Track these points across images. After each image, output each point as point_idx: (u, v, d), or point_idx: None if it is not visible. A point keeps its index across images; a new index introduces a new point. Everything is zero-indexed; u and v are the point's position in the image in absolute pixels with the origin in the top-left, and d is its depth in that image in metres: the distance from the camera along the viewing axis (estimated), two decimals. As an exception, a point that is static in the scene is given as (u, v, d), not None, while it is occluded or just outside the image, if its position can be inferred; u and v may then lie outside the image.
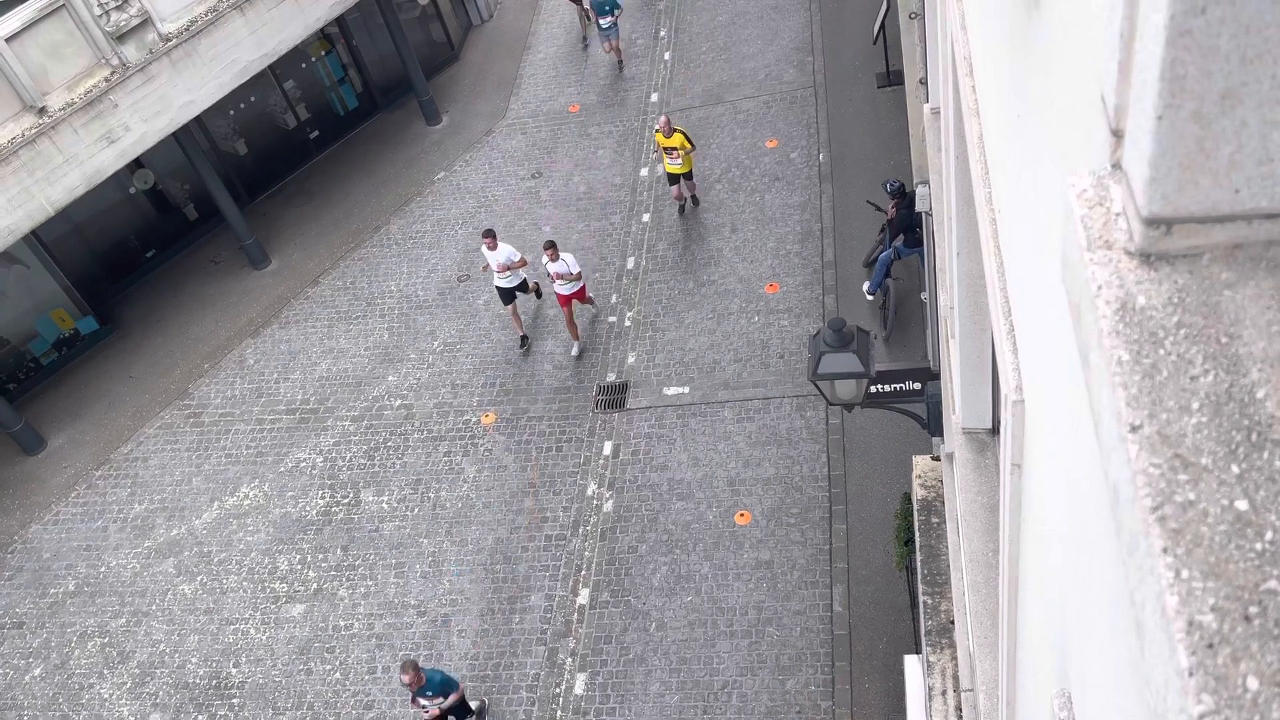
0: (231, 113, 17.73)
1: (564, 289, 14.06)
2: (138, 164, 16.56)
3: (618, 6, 18.41)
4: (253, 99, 17.91)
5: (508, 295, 14.53)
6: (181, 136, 15.60)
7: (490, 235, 14.06)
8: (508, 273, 14.17)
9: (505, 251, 14.02)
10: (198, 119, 15.82)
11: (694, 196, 16.26)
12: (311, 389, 15.36)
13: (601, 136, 18.12)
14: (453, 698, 10.56)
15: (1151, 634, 1.16)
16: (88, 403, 16.00)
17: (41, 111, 13.67)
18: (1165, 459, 1.19)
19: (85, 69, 14.05)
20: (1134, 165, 1.35)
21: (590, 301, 14.80)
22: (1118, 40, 1.33)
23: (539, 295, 15.37)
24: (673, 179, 15.85)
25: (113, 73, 14.12)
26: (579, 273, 13.95)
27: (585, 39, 19.96)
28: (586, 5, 19.19)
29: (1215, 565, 1.10)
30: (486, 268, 14.40)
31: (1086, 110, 1.68)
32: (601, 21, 18.40)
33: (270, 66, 16.59)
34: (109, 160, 14.38)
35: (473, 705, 11.23)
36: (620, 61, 19.33)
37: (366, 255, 17.13)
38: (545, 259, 13.87)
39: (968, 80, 4.06)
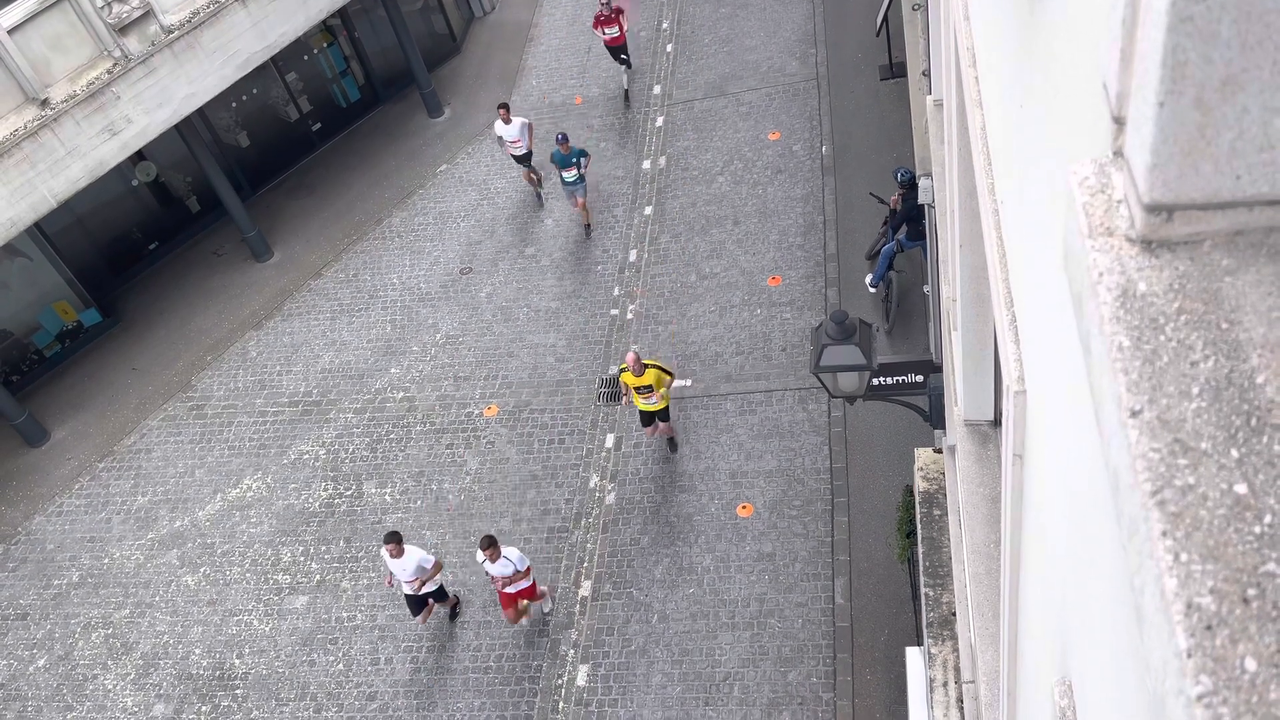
0: (234, 105, 17.73)
1: (510, 589, 11.34)
2: (140, 156, 16.56)
3: (584, 155, 15.40)
4: (255, 91, 17.90)
5: (418, 603, 11.68)
6: (184, 129, 15.60)
7: (394, 540, 11.03)
8: (416, 583, 11.34)
9: (416, 557, 11.17)
10: (200, 111, 15.81)
11: (672, 440, 13.16)
12: (314, 381, 15.38)
13: (604, 129, 18.10)
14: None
15: (1151, 617, 1.16)
16: (91, 395, 16.03)
17: (44, 104, 13.67)
18: (1165, 444, 1.20)
19: (87, 61, 14.04)
20: (1135, 152, 1.36)
21: (541, 597, 11.88)
22: (1120, 27, 1.34)
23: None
24: (647, 419, 12.77)
25: (115, 64, 14.11)
26: (527, 568, 11.23)
27: (540, 196, 16.82)
28: (532, 163, 16.37)
29: (1214, 548, 1.11)
30: (391, 580, 11.57)
31: (1089, 98, 1.68)
32: (564, 175, 15.33)
33: (272, 59, 16.58)
34: (111, 152, 14.38)
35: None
36: (588, 225, 16.11)
37: (369, 248, 17.14)
38: (482, 558, 11.04)
39: (970, 71, 4.06)
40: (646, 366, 12.10)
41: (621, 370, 12.34)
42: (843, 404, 12.76)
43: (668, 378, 12.34)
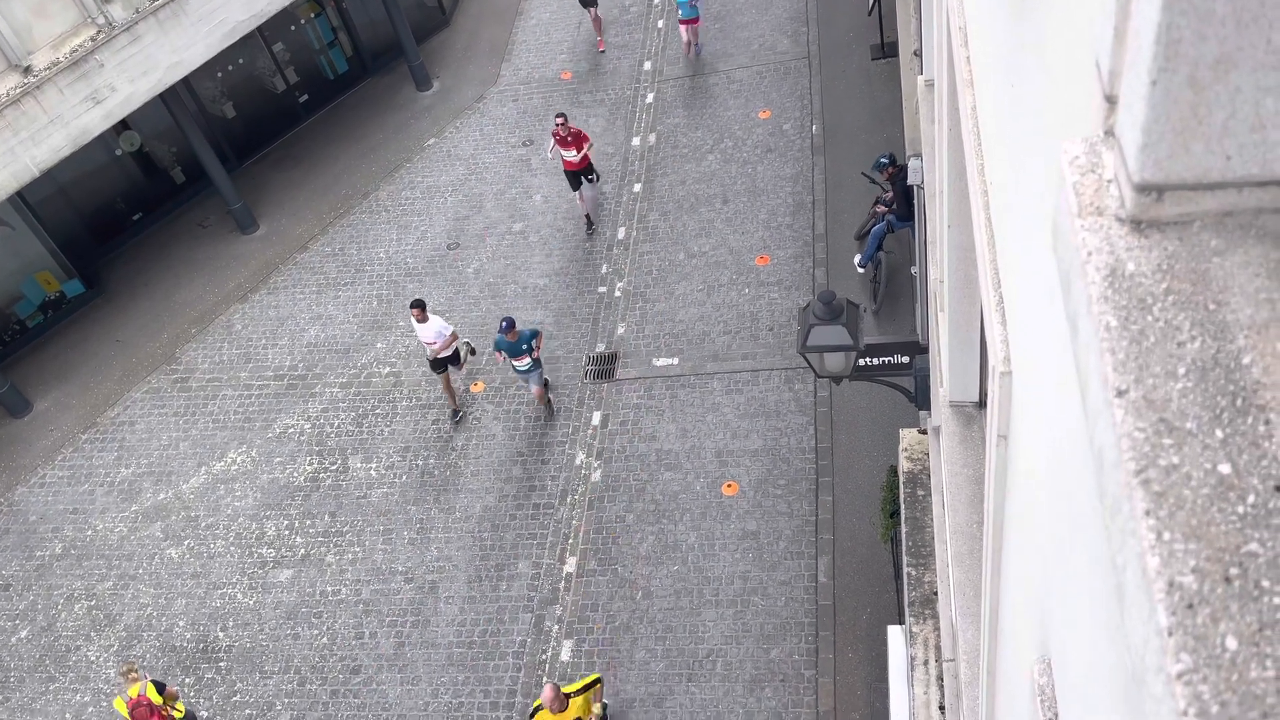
0: (219, 75, 17.53)
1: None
2: (124, 125, 16.38)
3: (536, 335, 12.90)
4: (241, 61, 17.71)
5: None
6: (168, 98, 15.43)
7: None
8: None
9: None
10: (185, 80, 15.63)
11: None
12: (300, 355, 15.32)
13: (594, 105, 17.99)
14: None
15: (1132, 595, 1.17)
16: (74, 366, 15.92)
17: (27, 71, 13.49)
18: (1150, 423, 1.20)
19: (71, 28, 13.85)
20: (1127, 131, 1.35)
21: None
22: (1114, 4, 1.33)
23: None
24: None
25: (99, 32, 13.92)
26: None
27: (457, 413, 13.89)
28: (464, 359, 13.76)
29: (1197, 528, 1.11)
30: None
31: (1080, 77, 1.67)
32: (516, 364, 12.95)
33: (259, 28, 16.38)
34: (95, 121, 14.22)
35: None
36: (550, 410, 13.71)
37: (356, 221, 17.03)
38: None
39: (962, 51, 4.04)
40: (569, 696, 9.82)
41: (536, 710, 9.89)
42: (829, 384, 12.80)
43: (597, 690, 10.23)
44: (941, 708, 7.33)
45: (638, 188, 16.49)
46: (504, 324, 12.76)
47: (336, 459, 13.97)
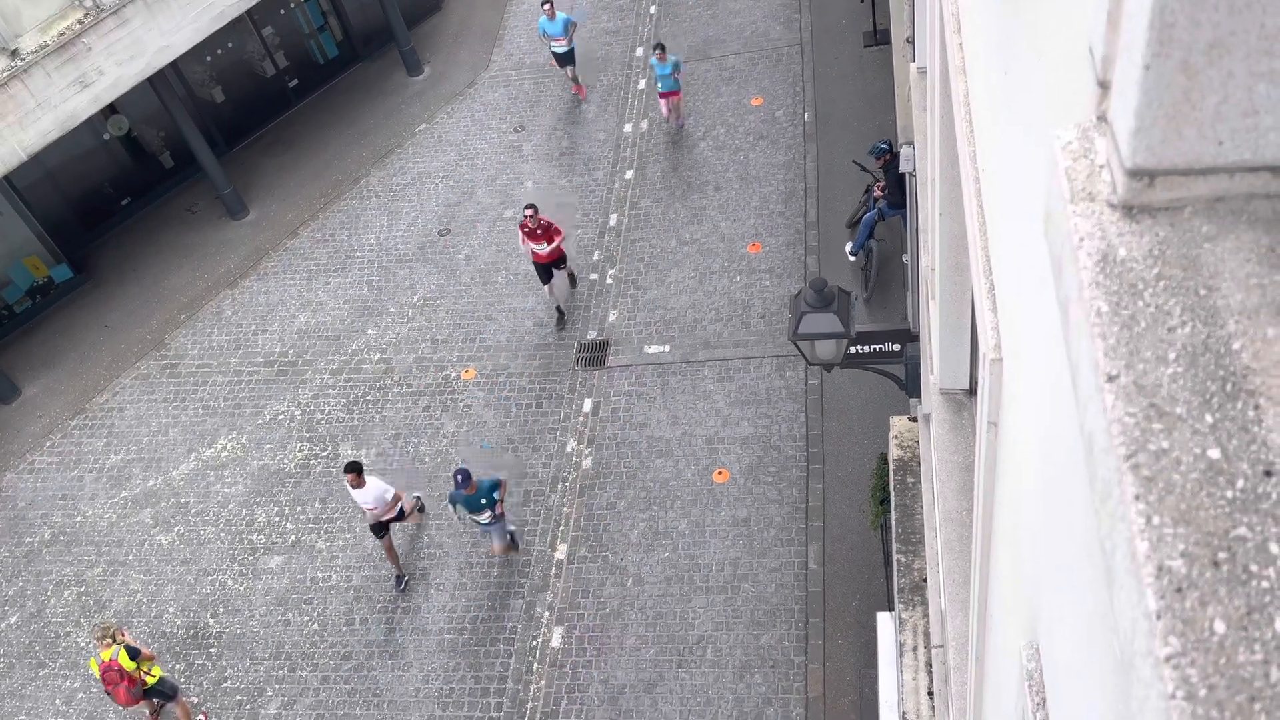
0: (208, 59, 17.41)
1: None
2: (112, 109, 16.26)
3: (498, 486, 11.46)
4: (230, 45, 17.58)
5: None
6: (157, 82, 15.31)
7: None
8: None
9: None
10: (173, 64, 15.52)
11: None
12: (290, 341, 15.27)
13: (585, 91, 17.91)
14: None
15: (1121, 579, 1.17)
16: (62, 351, 15.85)
17: (14, 54, 13.37)
18: (1140, 408, 1.21)
19: (58, 10, 13.72)
20: (1119, 116, 1.35)
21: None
22: (1108, -12, 1.32)
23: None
24: None
25: (86, 15, 13.80)
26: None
27: (402, 578, 12.35)
28: (411, 513, 12.36)
29: (1186, 512, 1.12)
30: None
31: (1074, 63, 1.67)
32: (478, 519, 11.56)
33: (248, 12, 16.27)
34: (82, 105, 14.11)
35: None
36: (514, 539, 12.28)
37: (346, 207, 16.96)
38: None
39: (955, 38, 4.03)
40: None
41: None
42: (820, 372, 12.82)
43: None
44: (930, 694, 7.38)
45: (629, 174, 16.45)
46: (459, 477, 10.86)
47: (327, 446, 13.95)
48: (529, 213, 13.56)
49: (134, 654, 10.63)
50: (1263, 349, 1.21)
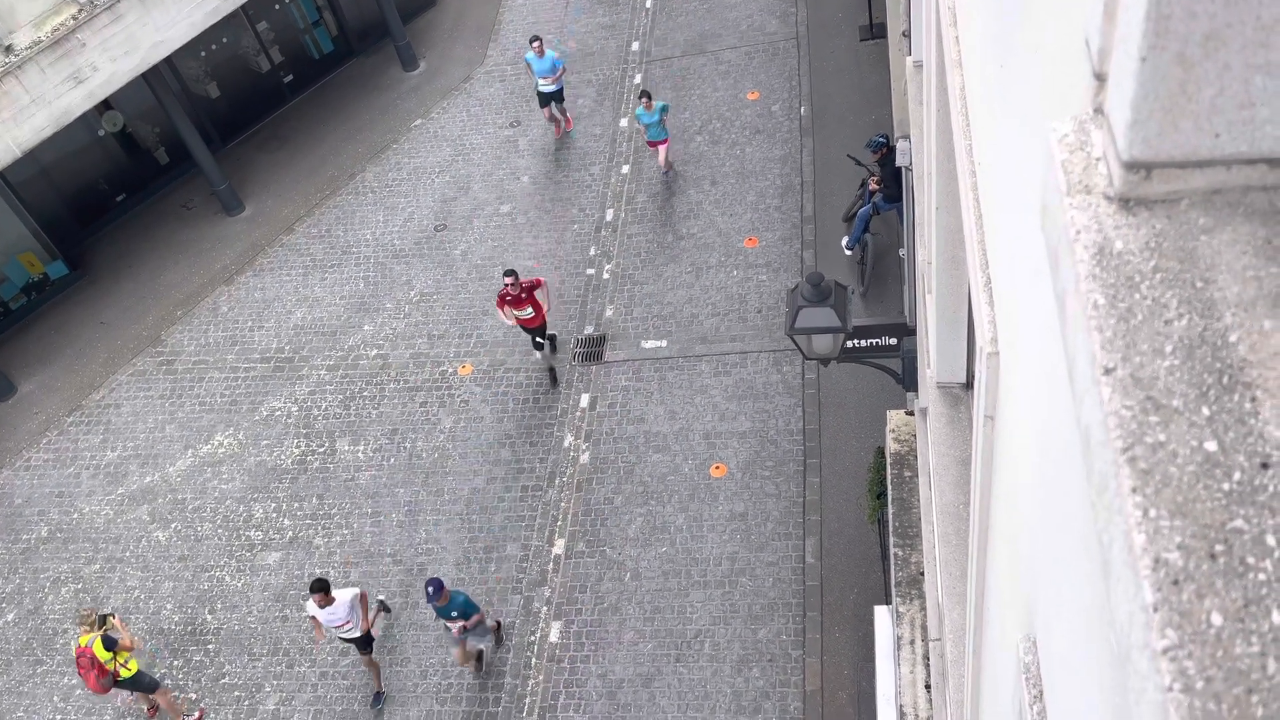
0: (203, 54, 17.36)
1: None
2: (107, 105, 16.21)
3: (470, 608, 10.72)
4: (225, 41, 17.53)
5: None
6: (151, 78, 15.27)
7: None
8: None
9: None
10: (168, 60, 15.47)
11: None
12: (286, 338, 15.25)
13: (581, 85, 17.89)
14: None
15: (1118, 572, 1.17)
16: (58, 348, 15.82)
17: (8, 50, 13.32)
18: (1137, 401, 1.20)
19: (52, 6, 13.68)
20: (1116, 109, 1.35)
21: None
22: (1104, -20, 1.32)
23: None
24: None
25: (80, 10, 13.76)
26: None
27: (380, 696, 11.48)
28: (374, 618, 11.61)
29: (1183, 504, 1.12)
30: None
31: (1070, 55, 1.67)
32: (449, 625, 10.81)
33: (243, 7, 16.22)
34: (77, 101, 14.07)
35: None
36: (479, 667, 11.61)
37: (342, 203, 16.93)
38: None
39: (951, 31, 4.03)
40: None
41: None
42: (816, 366, 12.82)
43: None
44: (928, 686, 7.39)
45: (626, 169, 16.43)
46: (430, 589, 10.34)
47: (324, 441, 13.94)
48: (509, 280, 12.55)
49: (110, 644, 10.52)
50: (1259, 341, 1.21)
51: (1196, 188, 1.34)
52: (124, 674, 10.81)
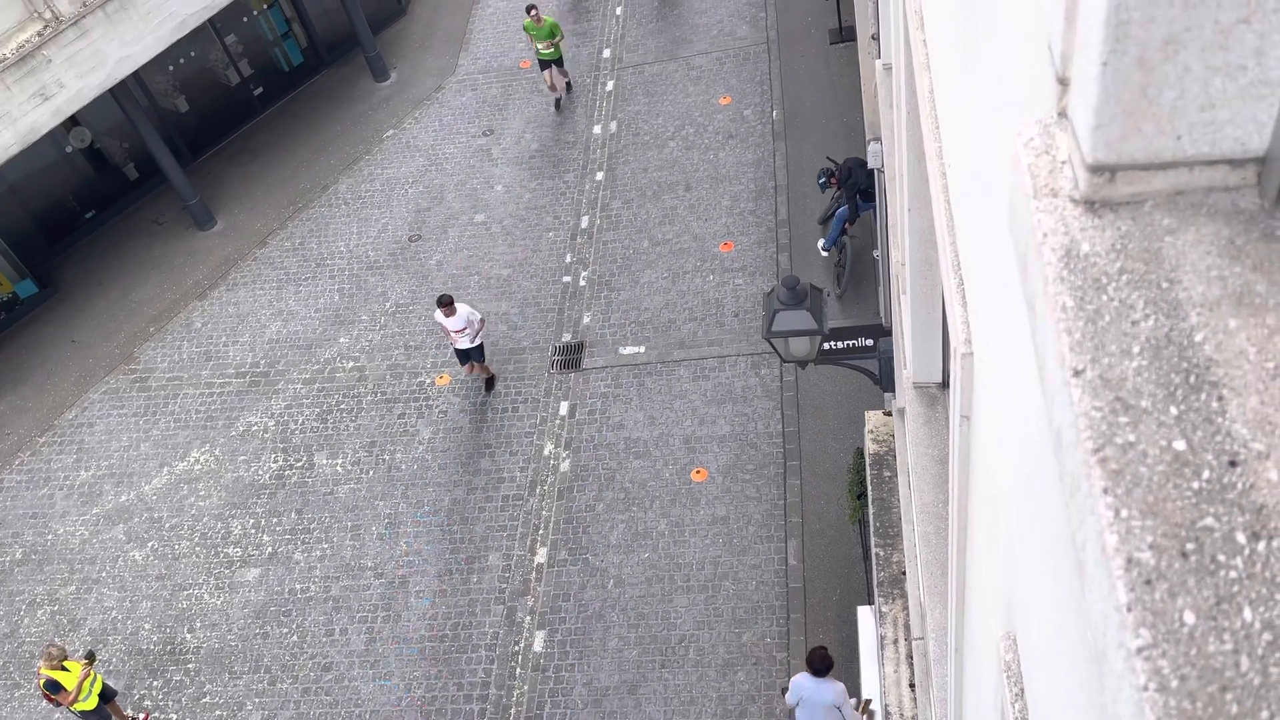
0: (171, 68, 17.23)
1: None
2: (74, 122, 16.05)
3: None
4: (193, 54, 17.41)
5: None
6: (119, 93, 15.13)
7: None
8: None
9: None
10: (135, 75, 15.34)
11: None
12: (261, 352, 15.13)
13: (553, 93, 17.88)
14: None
15: (1092, 572, 1.18)
16: (29, 368, 15.62)
17: (-30, 67, 13.16)
18: (1107, 402, 1.22)
19: (16, 23, 13.53)
20: (1079, 113, 1.36)
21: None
22: (1064, -14, 1.33)
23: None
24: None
25: (45, 27, 13.62)
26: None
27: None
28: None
29: (1154, 504, 1.13)
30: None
31: (1034, 60, 1.68)
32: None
33: (210, 20, 16.11)
34: (43, 118, 13.92)
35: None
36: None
37: (315, 215, 16.83)
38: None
39: (918, 34, 4.06)
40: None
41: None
42: (794, 368, 12.87)
43: None
44: (912, 685, 7.42)
45: (600, 176, 16.43)
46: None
47: (302, 456, 13.84)
48: (443, 309, 12.85)
49: (54, 688, 10.79)
50: (1225, 340, 1.22)
51: (1160, 189, 1.35)
52: (82, 706, 10.92)
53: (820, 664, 9.17)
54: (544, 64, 17.03)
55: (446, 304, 12.78)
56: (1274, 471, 1.11)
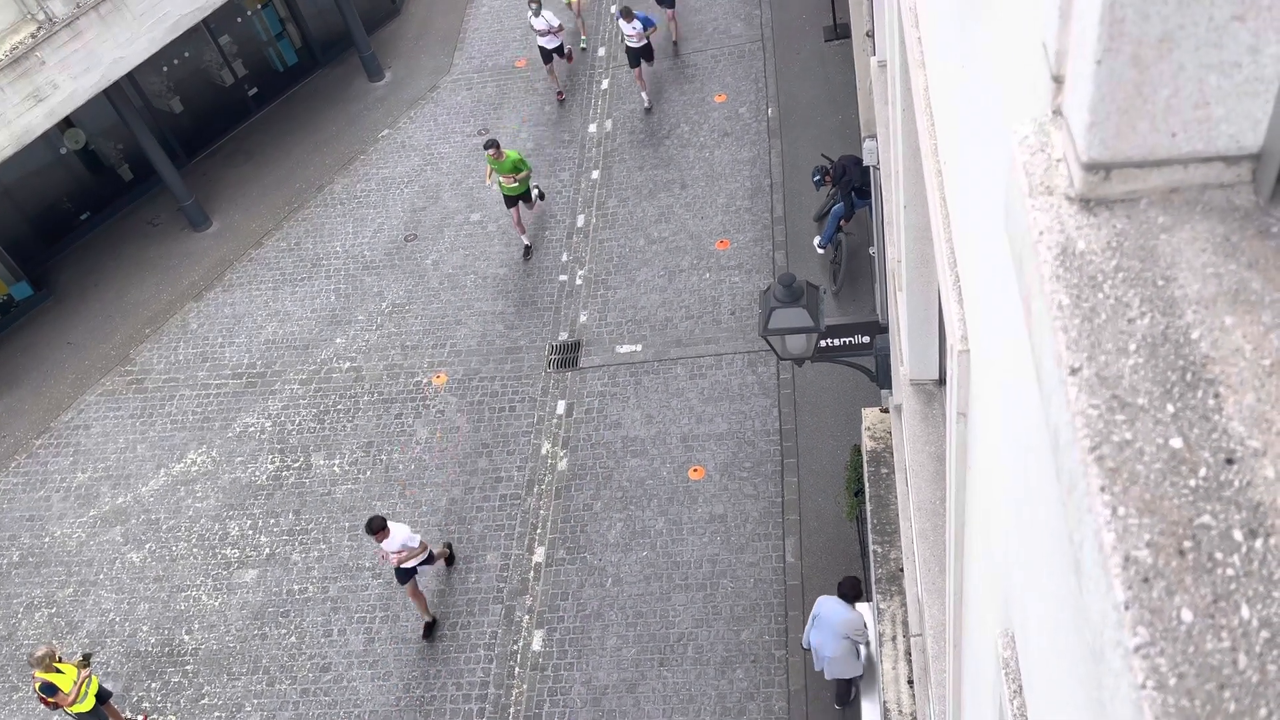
0: (165, 69, 17.19)
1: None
2: (68, 123, 16.01)
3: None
4: (187, 55, 17.37)
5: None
6: (113, 94, 15.10)
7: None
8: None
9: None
10: (130, 76, 15.30)
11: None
12: (258, 353, 15.11)
13: (548, 92, 17.87)
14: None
15: (1090, 570, 1.18)
16: (25, 370, 15.59)
17: (-37, 69, 13.13)
18: (1103, 400, 1.22)
19: (10, 25, 13.50)
20: (1074, 111, 1.36)
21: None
22: (1059, -16, 1.33)
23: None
24: None
25: (39, 28, 13.58)
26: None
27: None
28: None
29: (1151, 502, 1.13)
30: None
31: (1029, 58, 1.68)
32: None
33: (204, 21, 16.08)
34: (38, 119, 13.89)
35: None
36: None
37: (310, 215, 16.81)
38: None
39: (914, 31, 4.06)
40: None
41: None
42: (791, 366, 12.86)
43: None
44: (910, 682, 7.43)
45: (596, 174, 16.42)
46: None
47: (299, 456, 13.82)
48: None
49: (49, 690, 10.75)
50: (1220, 338, 1.22)
51: (1155, 187, 1.35)
52: (79, 708, 10.89)
53: (849, 590, 9.55)
54: (509, 201, 14.87)
55: (378, 529, 10.82)
56: (1271, 469, 1.11)
